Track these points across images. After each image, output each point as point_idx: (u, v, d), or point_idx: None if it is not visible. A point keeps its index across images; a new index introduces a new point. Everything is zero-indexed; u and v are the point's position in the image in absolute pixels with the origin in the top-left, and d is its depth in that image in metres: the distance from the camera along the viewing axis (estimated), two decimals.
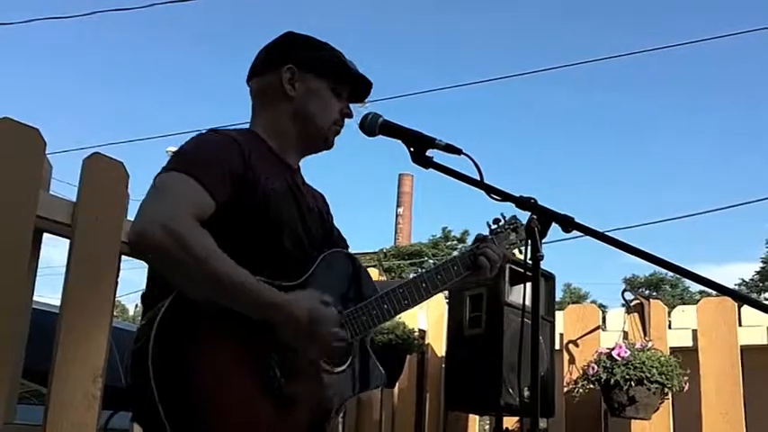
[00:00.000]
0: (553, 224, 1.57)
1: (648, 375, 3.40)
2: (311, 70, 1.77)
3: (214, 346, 1.45)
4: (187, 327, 1.42)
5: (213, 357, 1.43)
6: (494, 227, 1.98)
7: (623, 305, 4.08)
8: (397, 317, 2.52)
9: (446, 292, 3.70)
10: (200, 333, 1.44)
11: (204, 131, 1.68)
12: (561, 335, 4.08)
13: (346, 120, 1.84)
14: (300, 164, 1.85)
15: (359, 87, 1.84)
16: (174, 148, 1.67)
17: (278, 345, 1.50)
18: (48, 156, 2.33)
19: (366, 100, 1.88)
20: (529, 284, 1.57)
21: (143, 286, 1.63)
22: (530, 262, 1.56)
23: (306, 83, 1.76)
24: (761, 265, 30.69)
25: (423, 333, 4.05)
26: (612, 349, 3.55)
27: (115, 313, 2.59)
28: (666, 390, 3.47)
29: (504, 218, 1.99)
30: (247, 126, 1.82)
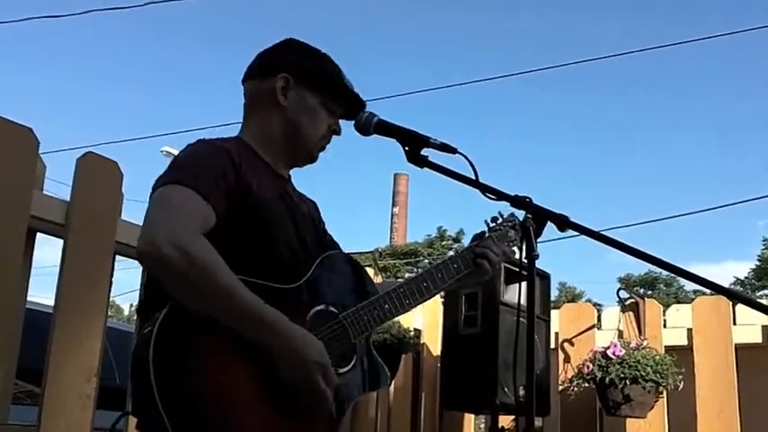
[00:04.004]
0: (548, 223, 1.57)
1: (643, 374, 3.41)
2: (306, 82, 1.75)
3: (215, 350, 1.44)
4: (187, 333, 1.42)
5: (215, 362, 1.43)
6: (492, 225, 1.96)
7: (618, 303, 4.09)
8: None
9: (442, 292, 3.70)
10: (200, 338, 1.43)
11: (195, 142, 1.67)
12: (557, 334, 4.09)
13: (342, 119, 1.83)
14: (291, 173, 1.85)
15: (352, 106, 1.83)
16: (170, 149, 1.67)
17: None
18: (41, 155, 2.32)
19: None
20: (524, 284, 1.57)
21: (137, 286, 1.62)
22: (525, 261, 1.56)
23: (299, 94, 1.75)
24: (756, 263, 30.75)
25: (418, 332, 4.05)
26: (608, 348, 3.56)
27: (110, 313, 2.58)
28: (661, 388, 3.48)
29: (501, 216, 1.97)
30: (239, 128, 1.81)
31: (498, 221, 1.97)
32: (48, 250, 2.98)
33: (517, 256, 1.89)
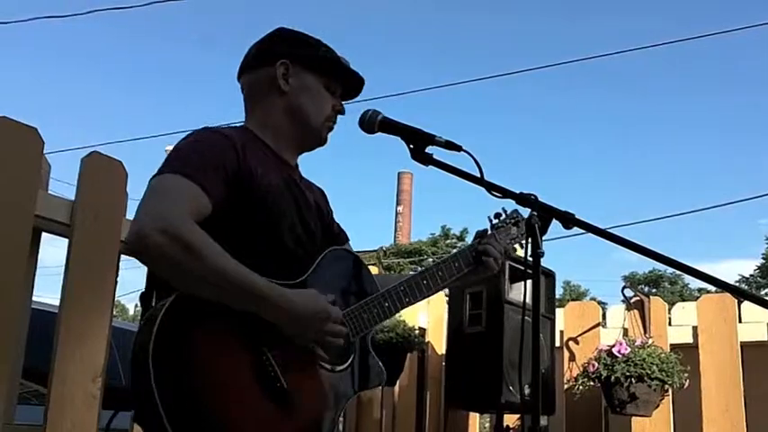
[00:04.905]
0: (553, 221, 1.56)
1: (649, 372, 3.40)
2: (305, 66, 1.76)
3: (215, 346, 1.44)
4: (187, 327, 1.42)
5: (214, 358, 1.43)
6: (495, 221, 1.95)
7: (623, 302, 4.08)
8: (398, 315, 2.52)
9: (446, 290, 3.69)
10: (200, 334, 1.43)
11: (198, 129, 1.67)
12: (561, 332, 4.08)
13: (346, 117, 1.84)
14: (298, 161, 1.85)
15: (351, 84, 1.84)
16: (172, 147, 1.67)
17: (279, 344, 1.50)
18: (46, 155, 2.32)
19: (357, 97, 1.88)
20: (529, 282, 1.56)
21: (142, 286, 1.62)
22: (530, 259, 1.55)
23: (300, 78, 1.76)
24: (761, 261, 30.69)
25: (423, 331, 4.04)
26: (613, 346, 3.55)
27: (115, 313, 2.58)
28: (667, 386, 3.47)
29: (505, 212, 1.97)
30: (242, 123, 1.81)
31: (501, 218, 1.96)
32: (53, 250, 2.98)
33: (519, 252, 1.89)
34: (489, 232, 1.94)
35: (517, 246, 1.97)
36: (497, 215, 1.96)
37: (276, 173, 1.69)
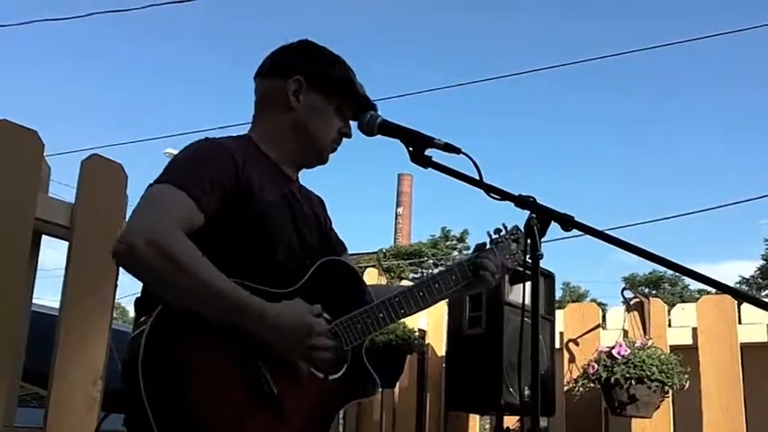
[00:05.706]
0: (552, 223, 1.57)
1: (649, 374, 3.40)
2: (318, 86, 1.75)
3: (205, 354, 1.44)
4: (177, 334, 1.42)
5: (204, 366, 1.43)
6: (495, 237, 1.93)
7: (623, 303, 4.08)
8: None
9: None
10: (190, 340, 1.43)
11: (199, 140, 1.67)
12: (561, 333, 4.09)
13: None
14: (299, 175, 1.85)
15: (362, 110, 1.82)
16: (173, 150, 1.67)
17: (268, 352, 1.50)
18: (46, 157, 2.33)
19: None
20: (528, 283, 1.56)
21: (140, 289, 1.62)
22: (529, 261, 1.56)
23: (310, 98, 1.75)
24: (761, 262, 30.68)
25: (423, 333, 4.05)
26: (612, 348, 3.55)
27: (115, 315, 2.59)
28: (667, 388, 3.47)
29: (505, 228, 1.94)
30: (248, 128, 1.81)
31: (501, 233, 1.94)
32: (52, 253, 2.99)
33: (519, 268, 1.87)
34: (488, 247, 1.92)
35: (517, 262, 1.94)
36: (497, 230, 1.93)
37: (275, 186, 1.69)
